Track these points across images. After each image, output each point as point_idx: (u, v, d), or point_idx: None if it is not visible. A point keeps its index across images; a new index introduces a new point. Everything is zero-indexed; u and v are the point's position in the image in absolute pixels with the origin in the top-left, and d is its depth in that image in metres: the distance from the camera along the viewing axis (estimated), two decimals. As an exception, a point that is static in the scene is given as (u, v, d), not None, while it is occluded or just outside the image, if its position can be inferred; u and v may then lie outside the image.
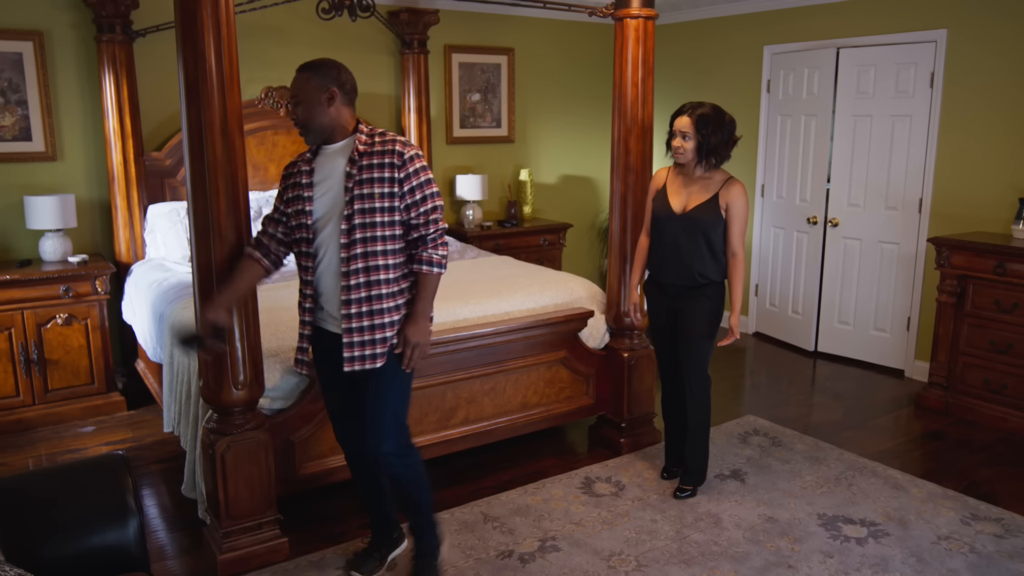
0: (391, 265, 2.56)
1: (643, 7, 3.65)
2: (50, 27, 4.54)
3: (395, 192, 2.52)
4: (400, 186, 2.52)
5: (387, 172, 2.51)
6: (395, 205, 2.52)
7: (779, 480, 3.69)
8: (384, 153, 2.52)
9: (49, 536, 2.05)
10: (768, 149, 5.93)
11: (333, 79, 2.55)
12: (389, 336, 2.59)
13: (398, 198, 2.52)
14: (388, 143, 2.54)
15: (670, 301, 3.47)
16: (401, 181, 2.51)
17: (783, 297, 5.93)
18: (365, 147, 2.54)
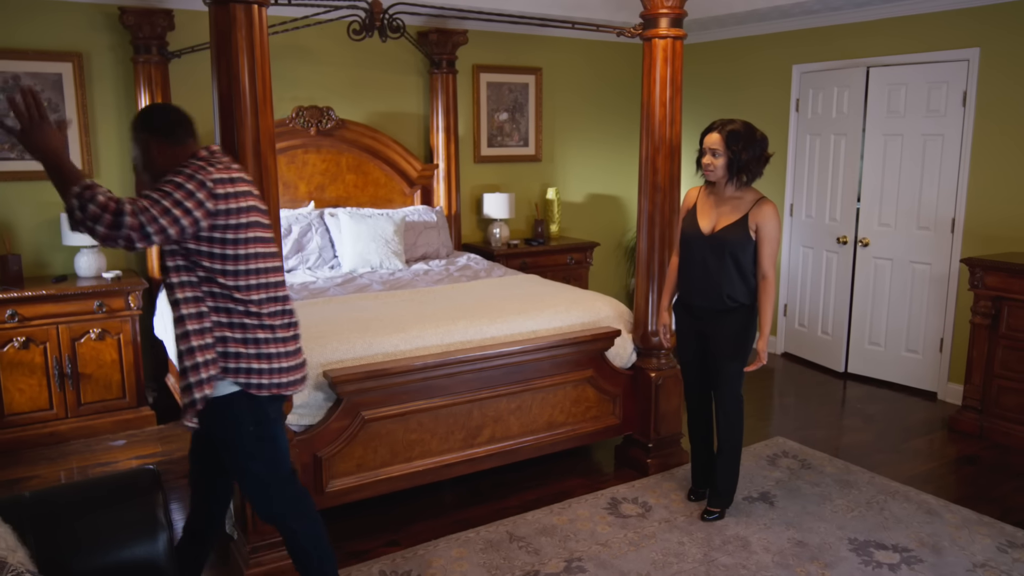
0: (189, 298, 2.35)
1: (671, 27, 3.66)
2: (89, 49, 4.65)
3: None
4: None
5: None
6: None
7: (809, 503, 3.64)
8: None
9: (80, 549, 2.07)
10: (797, 168, 5.90)
11: (142, 127, 2.36)
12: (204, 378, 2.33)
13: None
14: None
15: (698, 324, 3.44)
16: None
17: (812, 317, 5.86)
18: None
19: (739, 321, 3.35)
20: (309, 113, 5.19)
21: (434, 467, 3.48)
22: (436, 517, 3.54)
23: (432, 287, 4.45)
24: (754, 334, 3.40)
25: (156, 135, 2.35)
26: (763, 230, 3.24)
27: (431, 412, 3.43)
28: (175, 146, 2.37)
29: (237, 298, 2.36)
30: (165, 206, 2.19)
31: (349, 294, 4.26)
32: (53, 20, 4.53)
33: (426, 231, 5.37)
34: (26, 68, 4.48)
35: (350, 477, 3.29)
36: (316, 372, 3.21)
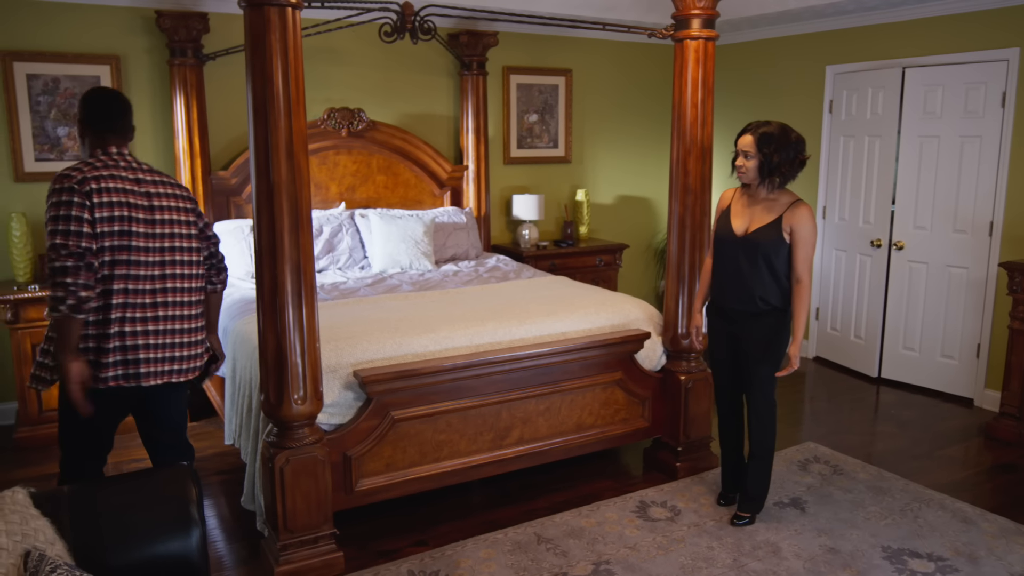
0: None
1: (703, 28, 3.63)
2: (126, 52, 4.73)
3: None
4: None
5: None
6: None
7: (841, 510, 3.59)
8: None
9: (116, 543, 2.10)
10: (830, 170, 5.83)
11: (80, 116, 2.73)
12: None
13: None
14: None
15: (731, 327, 3.41)
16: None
17: (845, 321, 5.79)
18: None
19: (772, 324, 3.31)
20: (340, 115, 5.23)
21: (462, 468, 3.49)
22: (464, 518, 3.55)
23: (461, 288, 4.46)
24: (787, 338, 3.35)
25: (87, 123, 2.74)
26: (798, 233, 3.20)
27: (460, 413, 3.44)
28: (92, 136, 2.75)
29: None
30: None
31: (379, 295, 4.29)
32: (92, 24, 4.61)
33: (455, 232, 5.38)
34: (66, 71, 4.57)
35: (379, 476, 3.31)
36: (346, 372, 3.24)
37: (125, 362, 2.67)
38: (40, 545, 1.85)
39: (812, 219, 3.22)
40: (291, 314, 2.83)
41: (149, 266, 2.69)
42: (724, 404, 3.58)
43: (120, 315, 2.64)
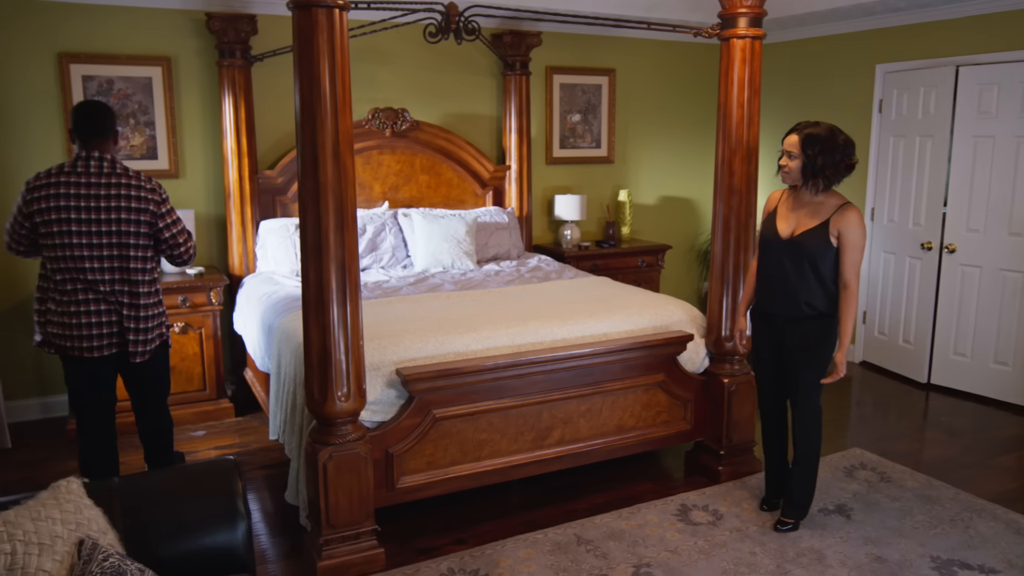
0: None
1: (750, 27, 3.58)
2: (177, 53, 4.83)
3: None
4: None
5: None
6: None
7: (888, 518, 3.51)
8: None
9: (164, 534, 2.15)
10: (879, 171, 5.71)
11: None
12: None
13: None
14: None
15: (776, 331, 3.36)
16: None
17: (893, 325, 5.66)
18: None
19: (817, 330, 3.25)
20: (385, 115, 5.27)
21: (503, 467, 3.49)
22: (504, 517, 3.56)
23: (503, 288, 4.47)
24: (833, 343, 3.29)
25: (73, 130, 3.21)
26: (845, 237, 3.13)
27: (501, 412, 3.44)
28: (74, 142, 3.22)
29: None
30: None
31: (421, 293, 4.32)
32: (145, 26, 4.72)
33: (497, 232, 5.39)
34: (119, 72, 4.68)
35: (420, 474, 3.33)
36: (389, 370, 3.26)
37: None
38: (93, 534, 1.90)
39: (861, 223, 3.14)
40: (336, 312, 2.86)
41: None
42: (767, 409, 3.53)
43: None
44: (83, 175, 3.10)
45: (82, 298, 3.13)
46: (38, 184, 3.09)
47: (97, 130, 3.16)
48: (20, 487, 3.78)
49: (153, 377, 3.39)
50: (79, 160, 3.13)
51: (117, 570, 1.78)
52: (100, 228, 3.11)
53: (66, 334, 3.15)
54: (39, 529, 1.80)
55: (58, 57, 4.55)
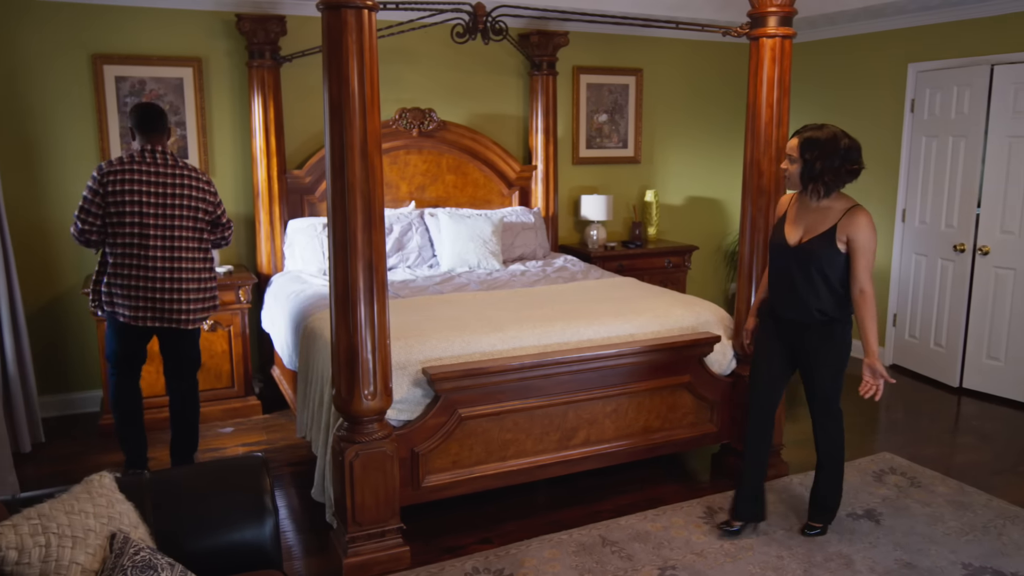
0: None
1: (780, 26, 3.55)
2: (208, 54, 4.89)
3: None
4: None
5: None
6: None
7: (918, 524, 3.46)
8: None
9: (193, 529, 2.18)
10: (911, 172, 5.63)
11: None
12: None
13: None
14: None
15: (788, 336, 3.25)
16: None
17: (924, 328, 5.58)
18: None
19: (829, 334, 3.15)
20: (412, 115, 5.30)
21: (528, 467, 3.49)
22: (529, 517, 3.56)
23: (529, 288, 4.47)
24: (849, 345, 3.20)
25: (134, 127, 3.62)
26: (855, 242, 3.01)
27: (527, 412, 3.44)
28: (136, 138, 3.62)
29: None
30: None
31: (447, 293, 4.33)
32: (176, 27, 4.78)
33: (523, 232, 5.39)
34: (151, 73, 4.75)
35: (445, 473, 3.34)
36: (415, 369, 3.28)
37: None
38: (125, 528, 1.93)
39: (870, 226, 3.02)
40: (363, 311, 2.88)
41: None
42: (755, 415, 3.36)
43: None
44: (151, 165, 3.51)
45: (149, 275, 3.50)
46: (112, 170, 3.46)
47: (157, 127, 3.57)
48: (53, 481, 3.86)
49: (192, 348, 3.79)
50: (146, 152, 3.53)
51: (148, 564, 1.80)
52: (170, 212, 3.53)
53: (132, 305, 3.51)
54: (72, 522, 1.83)
55: (92, 58, 4.62)
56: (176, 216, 3.54)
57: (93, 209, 3.46)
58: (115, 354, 3.69)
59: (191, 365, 3.80)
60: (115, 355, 3.69)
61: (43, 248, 4.68)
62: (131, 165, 3.48)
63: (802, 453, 4.23)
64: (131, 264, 3.49)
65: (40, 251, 4.68)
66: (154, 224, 3.50)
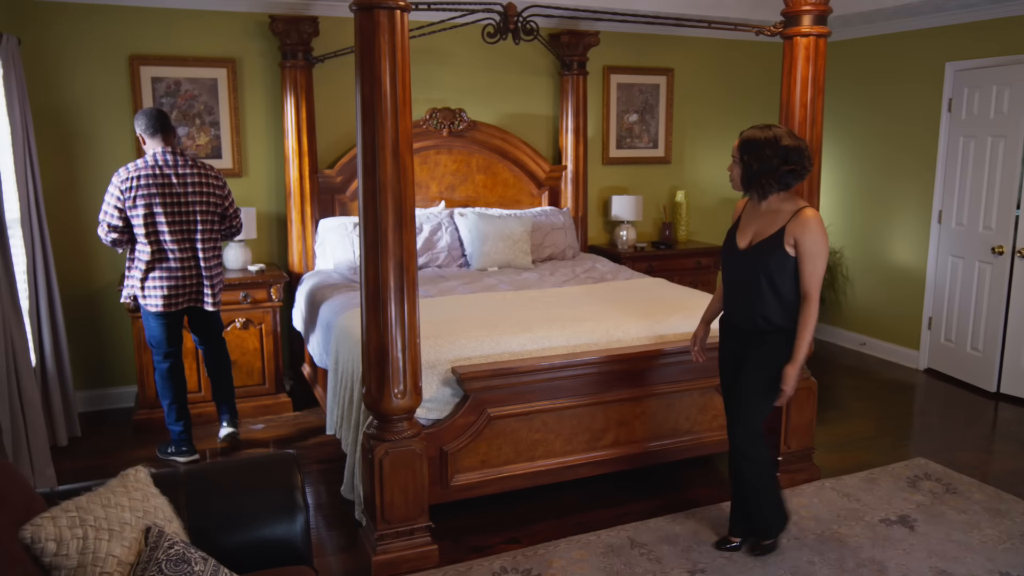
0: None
1: (814, 25, 3.51)
2: (242, 55, 4.95)
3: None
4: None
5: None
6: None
7: (954, 531, 3.40)
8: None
9: (225, 524, 2.21)
10: (948, 172, 5.53)
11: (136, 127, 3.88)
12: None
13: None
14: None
15: (734, 345, 3.12)
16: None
17: (961, 332, 5.48)
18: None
19: (774, 346, 3.00)
20: (442, 115, 5.31)
21: (556, 467, 3.49)
22: (557, 517, 3.55)
23: (558, 288, 4.46)
24: (785, 360, 2.99)
25: (143, 130, 3.91)
26: (802, 245, 2.88)
27: (555, 413, 3.44)
28: (149, 140, 3.91)
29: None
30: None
31: (477, 293, 4.34)
32: (211, 29, 4.85)
33: (553, 232, 5.39)
34: (187, 74, 4.82)
35: (474, 473, 3.34)
36: (445, 368, 3.29)
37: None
38: (159, 522, 1.96)
39: (818, 228, 2.89)
40: (393, 310, 2.89)
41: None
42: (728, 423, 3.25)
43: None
44: (174, 165, 3.82)
45: (176, 265, 3.86)
46: (131, 175, 3.75)
47: (170, 128, 3.90)
48: (89, 475, 3.92)
49: (217, 320, 4.24)
50: (167, 154, 3.82)
51: (182, 558, 1.83)
52: (188, 208, 3.86)
53: (163, 295, 3.86)
54: (109, 515, 1.86)
55: (129, 59, 4.70)
56: (195, 212, 3.88)
57: (116, 213, 3.76)
58: (156, 339, 4.02)
59: (218, 329, 4.27)
60: (157, 340, 4.02)
61: (80, 245, 4.76)
62: (153, 169, 3.78)
63: (835, 457, 4.18)
64: (160, 259, 3.84)
65: (77, 248, 4.76)
66: (177, 222, 3.83)
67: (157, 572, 1.77)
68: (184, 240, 3.88)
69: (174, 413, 4.10)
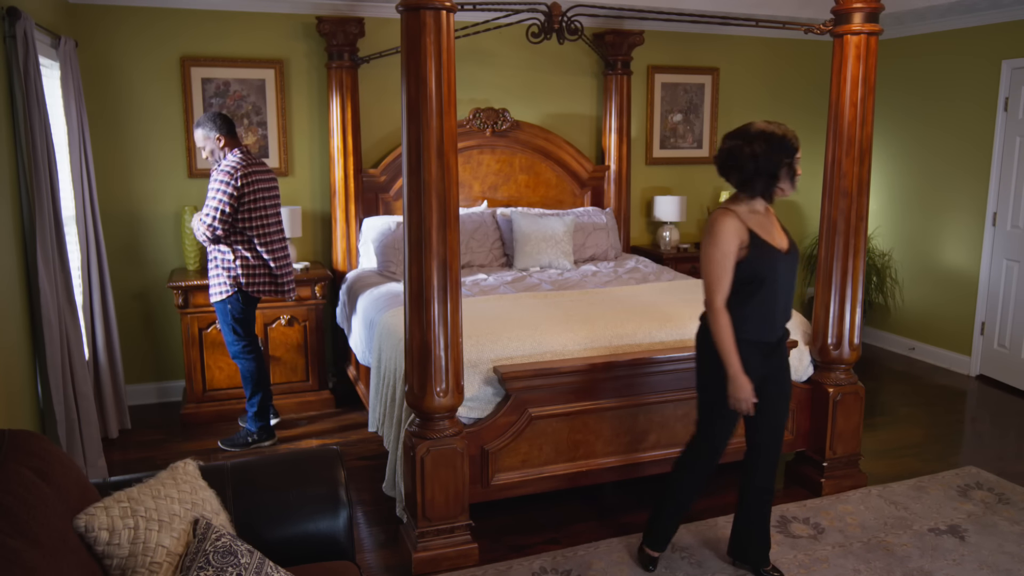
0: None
1: (865, 23, 3.44)
2: (289, 56, 5.02)
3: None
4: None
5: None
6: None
7: (1007, 542, 3.31)
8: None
9: (271, 518, 2.24)
10: (1003, 173, 5.38)
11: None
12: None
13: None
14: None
15: (761, 363, 2.83)
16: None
17: (1015, 337, 5.33)
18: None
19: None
20: (486, 115, 5.32)
21: (597, 469, 3.48)
22: (597, 519, 3.54)
23: (601, 288, 4.44)
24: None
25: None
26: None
27: (597, 413, 3.43)
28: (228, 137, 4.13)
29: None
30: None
31: (519, 292, 4.34)
32: (260, 31, 4.93)
33: (595, 232, 5.37)
34: (235, 75, 4.90)
35: (514, 472, 3.35)
36: (486, 367, 3.29)
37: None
38: (207, 514, 1.99)
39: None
40: (436, 309, 2.91)
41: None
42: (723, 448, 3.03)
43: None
44: (259, 163, 4.11)
45: (281, 254, 4.16)
46: (250, 169, 4.01)
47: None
48: (139, 466, 4.02)
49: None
50: (248, 150, 4.12)
51: (229, 550, 1.86)
52: (277, 201, 4.19)
53: (272, 282, 4.14)
54: (159, 507, 1.90)
55: (180, 60, 4.80)
56: (278, 205, 4.19)
57: (232, 203, 3.94)
58: (250, 325, 4.23)
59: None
60: (250, 327, 4.23)
61: (133, 243, 4.88)
62: (255, 164, 4.05)
63: (882, 464, 4.09)
64: (272, 245, 4.10)
65: (130, 246, 4.88)
66: (275, 213, 4.14)
67: (205, 563, 1.80)
68: (280, 231, 4.18)
69: (266, 411, 4.34)
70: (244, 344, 4.21)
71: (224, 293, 4.08)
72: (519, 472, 3.35)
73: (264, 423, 4.33)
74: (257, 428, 4.31)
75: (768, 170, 2.73)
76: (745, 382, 2.74)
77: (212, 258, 4.11)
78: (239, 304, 4.12)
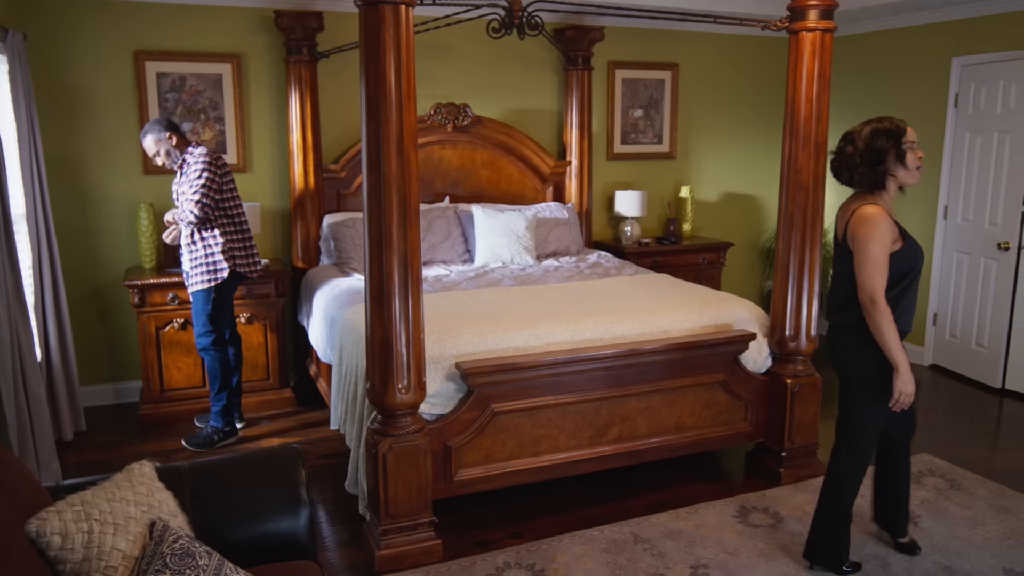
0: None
1: (821, 20, 3.50)
2: (247, 50, 4.95)
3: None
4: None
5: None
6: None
7: (958, 527, 3.40)
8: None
9: (230, 518, 2.21)
10: (954, 168, 5.51)
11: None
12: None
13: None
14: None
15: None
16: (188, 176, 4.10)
17: (966, 328, 5.47)
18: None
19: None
20: (447, 110, 5.30)
21: (560, 463, 3.49)
22: (560, 513, 3.56)
23: (562, 283, 4.46)
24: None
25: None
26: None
27: (559, 408, 3.44)
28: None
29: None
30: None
31: (481, 288, 4.34)
32: (217, 24, 4.85)
33: (557, 227, 5.38)
34: (192, 69, 4.82)
35: (478, 468, 3.35)
36: (449, 363, 3.29)
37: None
38: (164, 516, 1.96)
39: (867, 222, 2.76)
40: (397, 305, 2.89)
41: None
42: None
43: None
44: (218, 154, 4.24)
45: (250, 236, 4.29)
46: (221, 159, 4.15)
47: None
48: (95, 469, 3.94)
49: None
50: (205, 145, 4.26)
51: (186, 552, 1.83)
52: (238, 192, 4.31)
53: (248, 261, 4.24)
54: (114, 510, 1.87)
55: (134, 54, 4.70)
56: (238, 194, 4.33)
57: (217, 184, 4.05)
58: (229, 310, 4.34)
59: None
60: (229, 311, 4.33)
61: (86, 241, 4.78)
62: (216, 153, 4.16)
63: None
64: (244, 228, 4.24)
65: (83, 244, 4.78)
66: (238, 198, 4.26)
67: (162, 566, 1.77)
68: (243, 214, 4.29)
69: (234, 407, 4.40)
70: (215, 337, 4.22)
71: (208, 282, 4.13)
72: (482, 468, 3.36)
73: (229, 419, 4.30)
74: (223, 423, 4.27)
75: (872, 161, 2.76)
76: (912, 376, 2.76)
77: (192, 248, 4.13)
78: (225, 287, 4.23)
